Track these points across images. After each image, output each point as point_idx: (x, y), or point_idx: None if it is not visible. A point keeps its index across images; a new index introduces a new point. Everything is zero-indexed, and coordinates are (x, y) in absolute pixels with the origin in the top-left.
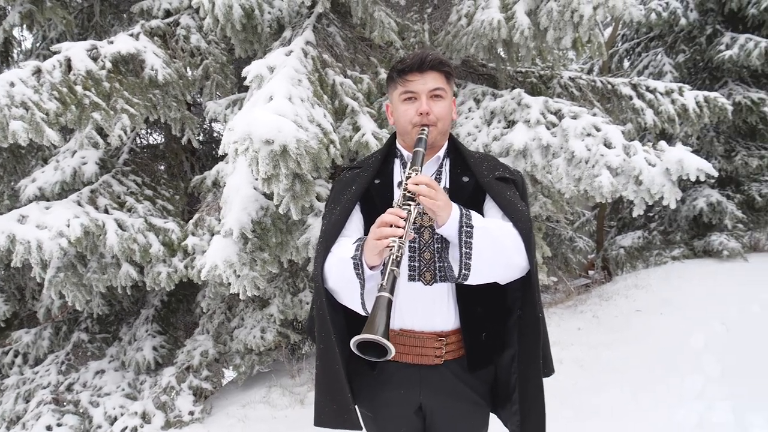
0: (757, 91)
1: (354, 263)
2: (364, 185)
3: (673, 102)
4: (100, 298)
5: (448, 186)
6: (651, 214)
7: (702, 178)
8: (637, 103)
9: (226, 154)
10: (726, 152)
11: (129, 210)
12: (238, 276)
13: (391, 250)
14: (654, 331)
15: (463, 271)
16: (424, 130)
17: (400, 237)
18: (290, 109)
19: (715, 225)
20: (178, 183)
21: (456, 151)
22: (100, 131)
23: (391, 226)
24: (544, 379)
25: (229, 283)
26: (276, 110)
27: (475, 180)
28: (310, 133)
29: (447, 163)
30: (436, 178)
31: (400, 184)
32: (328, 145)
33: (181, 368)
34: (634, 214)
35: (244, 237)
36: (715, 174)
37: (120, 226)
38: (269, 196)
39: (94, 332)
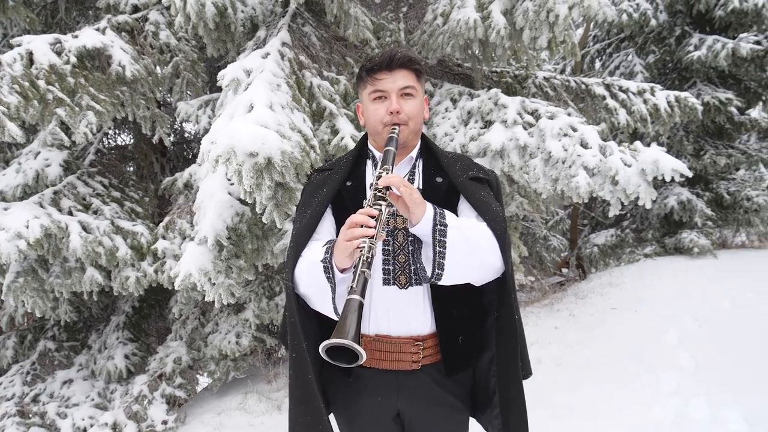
0: (725, 91)
1: (324, 266)
2: (335, 187)
3: (645, 102)
4: (68, 305)
5: (421, 187)
6: (623, 213)
7: (677, 179)
8: (611, 102)
9: (199, 155)
10: (695, 151)
11: (95, 212)
12: (214, 284)
13: (361, 251)
14: (629, 329)
15: (437, 270)
16: (395, 129)
17: (371, 237)
18: (272, 118)
19: (686, 223)
20: (148, 185)
21: (429, 151)
22: (67, 129)
23: (362, 226)
24: (526, 379)
25: (204, 291)
26: (258, 120)
27: (449, 180)
28: (293, 142)
29: (420, 164)
30: (408, 179)
31: (372, 185)
32: (309, 150)
33: (154, 376)
34: (610, 214)
35: (219, 244)
36: (690, 174)
37: (84, 228)
38: (245, 202)
39: (62, 340)
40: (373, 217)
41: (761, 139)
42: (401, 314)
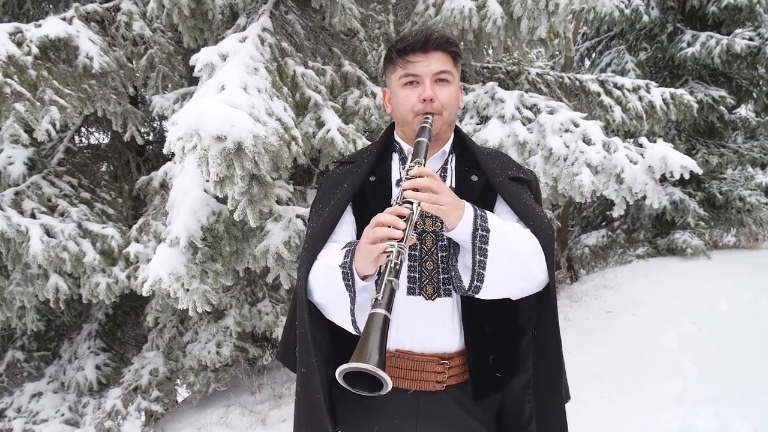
0: (717, 89)
1: (343, 272)
2: (357, 183)
3: (640, 99)
4: (35, 313)
5: (454, 185)
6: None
7: (686, 176)
8: (605, 99)
9: (173, 153)
10: (687, 150)
11: (61, 214)
12: (187, 290)
13: (388, 256)
14: (627, 333)
15: (476, 282)
16: (427, 118)
17: (400, 241)
18: (245, 100)
19: (678, 223)
20: (122, 185)
21: (463, 145)
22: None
23: (389, 227)
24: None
25: (177, 298)
26: (229, 101)
27: (486, 179)
28: (270, 128)
29: (453, 160)
30: (440, 176)
31: (399, 182)
32: (290, 141)
33: (128, 389)
34: (615, 214)
35: (193, 246)
36: (700, 171)
37: (48, 232)
38: (222, 200)
39: (31, 350)
40: (402, 217)
41: (749, 138)
42: (426, 328)
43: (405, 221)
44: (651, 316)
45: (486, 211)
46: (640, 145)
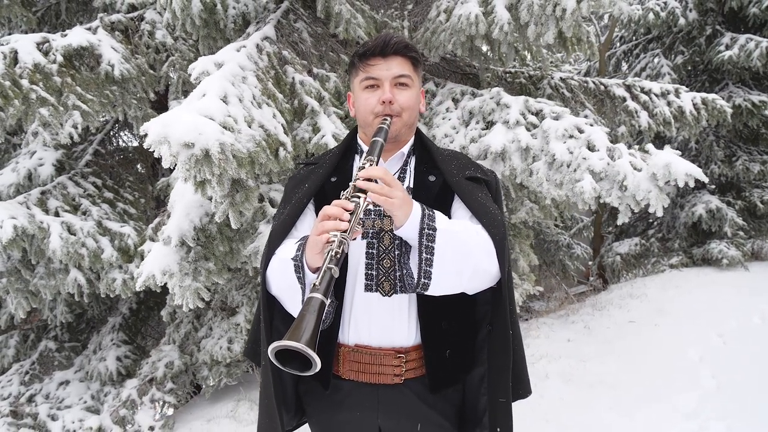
0: (759, 93)
1: (295, 265)
2: (318, 183)
3: (669, 104)
4: (64, 305)
5: (412, 186)
6: (650, 221)
7: (691, 184)
8: (631, 104)
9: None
10: (726, 157)
11: (84, 213)
12: (180, 287)
13: (330, 245)
14: (647, 344)
15: (423, 279)
16: (386, 120)
17: (344, 231)
18: (220, 109)
19: (715, 232)
20: (146, 186)
21: (423, 147)
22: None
23: (336, 219)
24: (527, 398)
25: (174, 294)
26: (201, 110)
27: (443, 179)
28: (244, 135)
29: (412, 161)
30: (399, 177)
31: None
32: (277, 147)
33: (144, 380)
34: (619, 222)
35: (185, 245)
36: (705, 179)
37: (68, 229)
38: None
39: (63, 340)
40: (348, 210)
41: None
42: (383, 324)
43: (351, 214)
44: (676, 327)
45: (435, 211)
46: (647, 152)
